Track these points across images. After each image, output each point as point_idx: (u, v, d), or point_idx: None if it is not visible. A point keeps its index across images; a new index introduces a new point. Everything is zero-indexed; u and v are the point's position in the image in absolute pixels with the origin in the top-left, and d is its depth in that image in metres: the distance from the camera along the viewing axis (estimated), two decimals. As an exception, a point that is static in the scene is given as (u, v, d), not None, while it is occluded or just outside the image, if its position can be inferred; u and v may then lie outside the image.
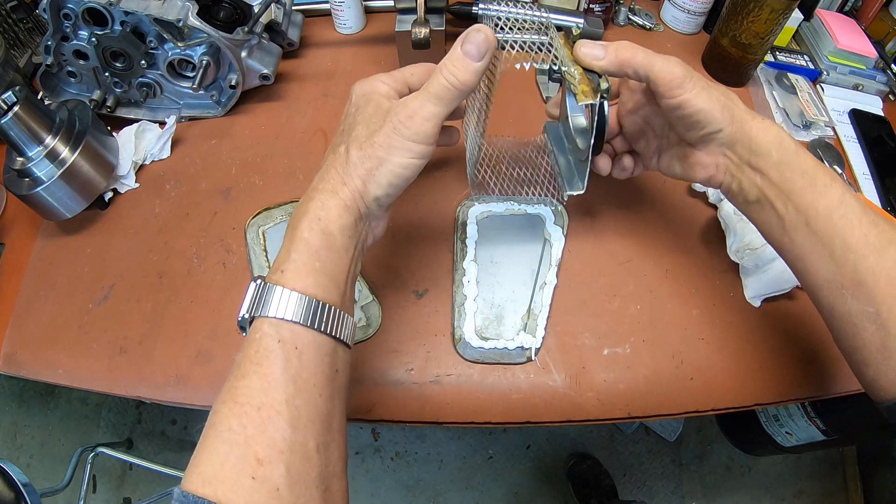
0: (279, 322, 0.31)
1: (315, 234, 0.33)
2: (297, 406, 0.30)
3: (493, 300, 0.54)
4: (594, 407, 0.50)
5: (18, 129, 0.51)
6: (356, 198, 0.35)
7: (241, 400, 0.29)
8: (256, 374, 0.30)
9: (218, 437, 0.29)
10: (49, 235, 0.60)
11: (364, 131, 0.36)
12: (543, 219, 0.59)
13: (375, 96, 0.38)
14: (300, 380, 0.30)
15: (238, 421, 0.29)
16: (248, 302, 0.33)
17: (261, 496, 0.27)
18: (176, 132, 0.65)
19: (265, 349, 0.30)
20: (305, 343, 0.31)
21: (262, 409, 0.29)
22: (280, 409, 0.29)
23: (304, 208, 0.35)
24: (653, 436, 1.36)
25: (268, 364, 0.30)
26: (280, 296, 0.31)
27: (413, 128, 0.35)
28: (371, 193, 0.36)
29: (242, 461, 0.28)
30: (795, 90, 0.72)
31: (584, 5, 0.75)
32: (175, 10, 0.58)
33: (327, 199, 0.34)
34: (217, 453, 0.28)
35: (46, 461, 1.34)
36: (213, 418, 0.30)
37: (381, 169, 0.35)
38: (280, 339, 0.31)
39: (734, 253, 0.54)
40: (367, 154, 0.35)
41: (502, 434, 1.34)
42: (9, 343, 0.53)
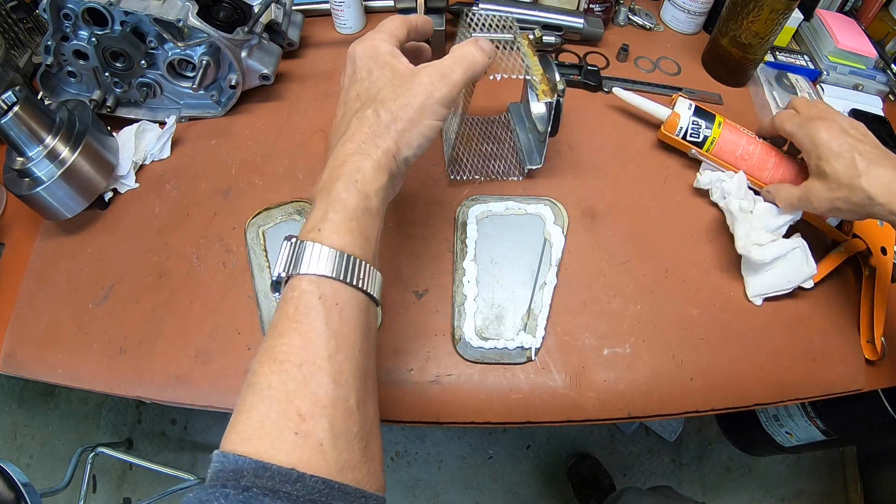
0: (319, 279, 0.31)
1: (352, 195, 0.34)
2: (339, 361, 0.30)
3: (493, 300, 0.54)
4: (594, 407, 0.50)
5: (18, 129, 0.51)
6: (389, 159, 0.36)
7: (281, 357, 0.29)
8: (296, 331, 0.30)
9: (257, 395, 0.28)
10: (49, 235, 0.60)
11: (390, 94, 0.36)
12: (543, 219, 0.59)
13: (385, 57, 0.38)
14: (341, 335, 0.30)
15: (278, 378, 0.28)
16: (284, 260, 0.32)
17: (303, 451, 0.27)
18: (176, 132, 0.65)
19: (305, 306, 0.30)
20: (345, 299, 0.31)
21: (304, 365, 0.29)
22: (322, 365, 0.29)
23: (337, 172, 0.35)
24: (653, 436, 1.36)
25: (308, 321, 0.30)
26: (319, 252, 0.31)
27: (444, 91, 0.37)
28: (402, 154, 0.37)
29: (284, 417, 0.27)
30: (795, 90, 0.72)
31: (584, 5, 0.75)
32: (175, 10, 0.58)
33: (361, 161, 0.35)
34: (257, 411, 0.28)
35: (46, 461, 1.34)
36: (251, 378, 0.29)
37: (413, 130, 0.36)
38: (321, 296, 0.30)
39: (742, 247, 0.54)
40: (398, 116, 0.36)
41: (502, 434, 1.34)
42: (9, 343, 0.53)
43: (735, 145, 0.58)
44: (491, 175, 0.61)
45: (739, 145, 0.58)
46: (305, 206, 0.59)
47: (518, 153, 0.62)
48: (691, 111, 0.60)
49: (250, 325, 0.53)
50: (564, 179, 0.62)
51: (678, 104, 0.60)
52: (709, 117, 0.59)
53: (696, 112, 0.60)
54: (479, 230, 0.58)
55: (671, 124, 0.60)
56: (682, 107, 0.60)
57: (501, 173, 0.61)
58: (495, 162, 0.62)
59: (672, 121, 0.60)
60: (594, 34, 0.74)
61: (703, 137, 0.59)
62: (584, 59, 0.74)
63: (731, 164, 0.59)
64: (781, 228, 0.53)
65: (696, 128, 0.59)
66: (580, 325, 0.53)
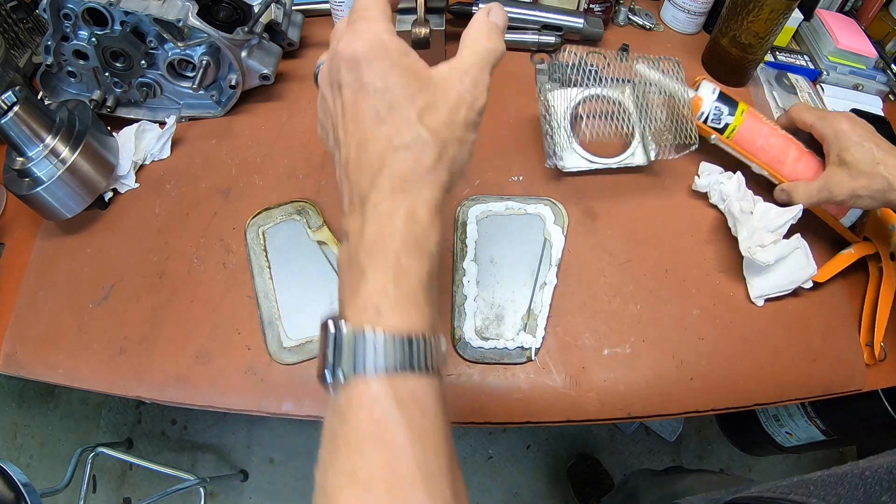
0: (389, 378, 0.25)
1: (414, 260, 0.27)
2: (430, 468, 0.25)
3: (493, 300, 0.54)
4: (594, 407, 0.50)
5: (18, 129, 0.51)
6: (443, 194, 0.29)
7: (364, 479, 0.24)
8: (377, 447, 0.25)
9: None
10: (49, 235, 0.60)
11: (426, 109, 0.29)
12: (543, 219, 0.59)
13: (397, 57, 0.29)
14: (426, 436, 0.26)
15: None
16: (334, 355, 0.26)
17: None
18: (176, 132, 0.65)
19: (381, 414, 0.25)
20: (423, 393, 0.26)
21: (394, 485, 0.24)
22: (414, 479, 0.24)
23: (387, 227, 0.27)
24: (653, 436, 1.36)
25: (390, 433, 0.25)
26: (384, 343, 0.25)
27: (482, 99, 0.31)
28: (453, 183, 0.30)
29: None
30: (795, 90, 0.72)
31: (584, 5, 0.75)
32: (175, 10, 0.58)
33: (417, 208, 0.28)
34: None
35: (46, 461, 1.34)
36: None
37: (462, 150, 0.30)
38: (397, 399, 0.25)
39: (745, 249, 0.54)
40: (447, 138, 0.29)
41: (502, 434, 1.34)
42: (9, 343, 0.53)
43: (756, 135, 0.56)
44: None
45: (760, 135, 0.56)
46: (305, 205, 0.59)
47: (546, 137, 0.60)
48: (715, 95, 0.57)
49: (250, 325, 0.53)
50: (564, 179, 0.62)
51: (702, 87, 0.58)
52: (732, 104, 0.57)
53: (720, 97, 0.57)
54: (479, 230, 0.58)
55: (694, 106, 0.57)
56: (706, 90, 0.57)
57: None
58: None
59: (695, 103, 0.57)
60: (594, 34, 0.74)
61: (724, 124, 0.57)
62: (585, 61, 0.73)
63: (751, 154, 0.57)
64: (783, 228, 0.53)
65: (718, 114, 0.57)
66: (580, 325, 0.53)
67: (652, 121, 0.60)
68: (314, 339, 0.52)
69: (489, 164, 0.63)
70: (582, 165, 0.60)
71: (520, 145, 0.65)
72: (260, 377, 0.51)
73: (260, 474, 1.30)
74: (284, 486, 1.29)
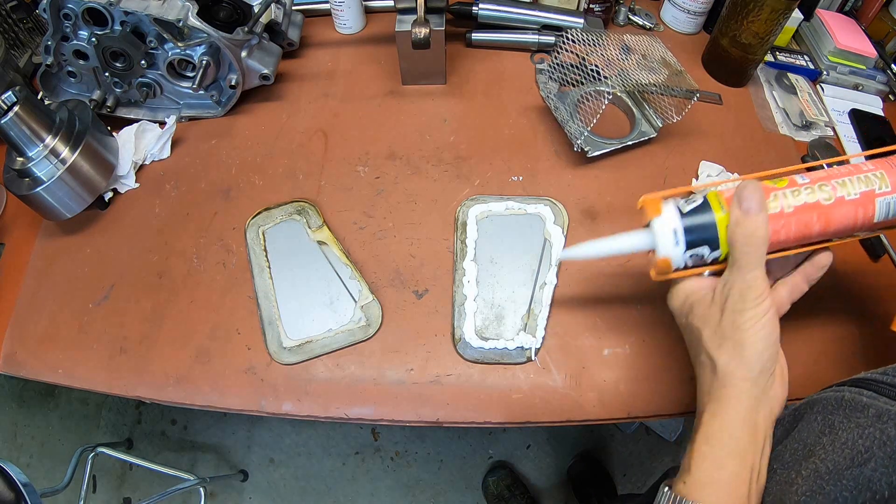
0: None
1: (712, 447, 0.34)
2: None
3: (493, 300, 0.54)
4: (594, 407, 0.50)
5: (18, 129, 0.51)
6: (742, 391, 0.35)
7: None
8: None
9: None
10: (49, 235, 0.60)
11: (709, 332, 0.37)
12: (543, 219, 0.59)
13: (694, 293, 0.39)
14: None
15: None
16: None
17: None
18: (176, 132, 0.65)
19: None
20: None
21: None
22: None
23: (697, 422, 0.36)
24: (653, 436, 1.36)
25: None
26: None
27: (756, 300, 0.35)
28: (751, 376, 0.35)
29: None
30: (795, 90, 0.72)
31: (584, 5, 0.75)
32: (175, 10, 0.58)
33: (715, 408, 0.35)
34: None
35: (46, 461, 1.34)
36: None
37: (747, 351, 0.35)
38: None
39: None
40: (728, 350, 0.36)
41: (502, 434, 1.34)
42: (9, 343, 0.53)
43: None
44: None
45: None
46: (305, 205, 0.59)
47: (564, 125, 0.62)
48: (681, 244, 0.38)
49: (250, 325, 0.53)
50: (564, 179, 0.62)
51: (658, 234, 0.38)
52: (707, 230, 0.37)
53: (688, 233, 0.38)
54: (479, 230, 0.58)
55: (663, 266, 0.39)
56: (666, 238, 0.38)
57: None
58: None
59: (663, 264, 0.39)
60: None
61: (712, 260, 0.39)
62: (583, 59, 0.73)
63: (771, 256, 0.39)
64: None
65: (699, 257, 0.38)
66: (580, 325, 0.53)
67: (649, 97, 0.63)
68: (314, 339, 0.52)
69: (489, 164, 0.63)
70: (603, 149, 0.62)
71: (520, 145, 0.65)
72: (260, 377, 0.51)
73: (260, 474, 1.30)
74: (284, 486, 1.29)
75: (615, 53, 0.63)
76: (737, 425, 0.34)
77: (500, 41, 0.75)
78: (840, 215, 0.37)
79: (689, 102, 0.61)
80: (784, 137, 0.68)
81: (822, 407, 0.35)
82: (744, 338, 0.35)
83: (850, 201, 0.37)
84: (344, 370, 0.51)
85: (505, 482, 1.24)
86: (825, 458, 0.32)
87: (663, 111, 0.64)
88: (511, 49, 0.75)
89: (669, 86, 0.61)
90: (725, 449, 0.34)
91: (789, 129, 0.69)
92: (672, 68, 0.61)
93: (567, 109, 0.63)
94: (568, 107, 0.63)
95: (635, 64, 0.62)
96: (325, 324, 0.53)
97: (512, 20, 0.73)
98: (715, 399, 0.35)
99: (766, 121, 0.70)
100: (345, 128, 0.67)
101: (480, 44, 0.75)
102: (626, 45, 0.63)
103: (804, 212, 0.37)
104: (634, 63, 0.62)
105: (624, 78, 0.61)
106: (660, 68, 0.62)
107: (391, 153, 0.64)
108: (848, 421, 0.32)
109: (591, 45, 0.61)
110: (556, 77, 0.63)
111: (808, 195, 0.37)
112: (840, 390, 0.35)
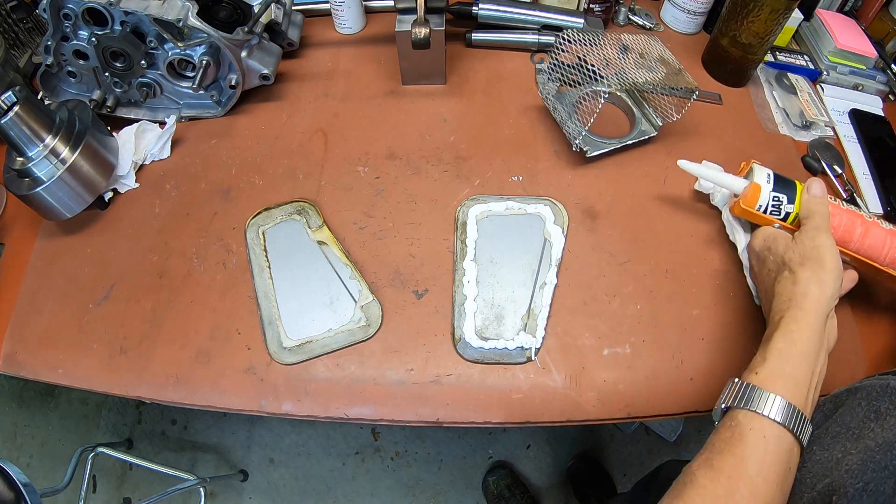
0: (762, 420, 0.37)
1: (787, 344, 0.39)
2: (758, 485, 0.35)
3: (493, 300, 0.54)
4: (594, 407, 0.50)
5: (18, 129, 0.51)
6: (818, 303, 0.41)
7: (717, 466, 0.36)
8: (732, 454, 0.36)
9: (693, 489, 0.36)
10: (49, 235, 0.60)
11: (794, 254, 0.44)
12: (543, 219, 0.59)
13: (778, 234, 0.47)
14: (765, 466, 0.36)
15: (710, 482, 0.35)
16: (731, 396, 0.39)
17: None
18: (176, 132, 0.65)
19: (742, 436, 0.37)
20: (778, 440, 0.36)
21: (732, 478, 0.35)
22: (745, 482, 0.35)
23: (776, 324, 0.41)
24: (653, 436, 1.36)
25: (742, 448, 0.36)
26: (765, 399, 0.37)
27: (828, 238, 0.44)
28: (827, 293, 0.41)
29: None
30: (795, 90, 0.72)
31: (584, 5, 0.75)
32: (175, 10, 0.58)
33: (795, 312, 0.41)
34: (691, 501, 0.35)
35: (46, 461, 1.34)
36: (689, 479, 0.36)
37: (825, 273, 0.42)
38: (764, 435, 0.36)
39: (742, 253, 0.55)
40: (811, 267, 0.42)
41: (502, 434, 1.34)
42: (9, 343, 0.53)
43: None
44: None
45: None
46: (305, 205, 0.59)
47: (562, 126, 0.63)
48: (771, 183, 0.51)
49: (250, 325, 0.53)
50: (564, 179, 0.62)
51: (756, 175, 0.51)
52: (789, 188, 0.50)
53: (777, 183, 0.51)
54: (479, 230, 0.58)
55: (751, 199, 0.51)
56: (761, 177, 0.51)
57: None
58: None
59: (752, 195, 0.51)
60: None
61: (784, 214, 0.50)
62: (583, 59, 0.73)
63: None
64: None
65: (777, 203, 0.50)
66: (580, 325, 0.53)
67: (648, 96, 0.63)
68: (314, 339, 0.52)
69: (489, 164, 0.63)
70: (602, 149, 0.62)
71: (520, 145, 0.65)
72: (260, 377, 0.51)
73: (260, 474, 1.30)
74: (284, 486, 1.29)
75: (613, 53, 0.63)
76: (812, 332, 0.40)
77: (500, 41, 0.75)
78: (875, 234, 0.49)
79: (689, 101, 0.61)
80: (784, 137, 0.68)
81: (866, 394, 0.39)
82: (823, 256, 0.42)
83: (884, 229, 0.49)
84: (344, 370, 0.51)
85: (505, 482, 1.24)
86: (874, 437, 0.36)
87: (663, 110, 0.64)
88: (511, 49, 0.75)
89: (668, 84, 0.61)
90: (800, 349, 0.39)
91: (789, 129, 0.69)
92: (670, 67, 0.61)
93: (565, 109, 0.63)
94: (566, 107, 0.63)
95: (633, 63, 0.62)
96: (325, 324, 0.53)
97: (512, 20, 0.73)
98: (796, 306, 0.41)
99: (766, 121, 0.70)
100: (345, 128, 0.67)
101: (480, 44, 0.75)
102: (624, 44, 0.63)
103: (852, 215, 0.49)
104: (632, 62, 0.62)
105: (622, 77, 0.61)
106: (658, 67, 0.62)
107: (391, 153, 0.64)
108: (895, 408, 0.36)
109: (590, 45, 0.61)
110: (555, 77, 0.63)
111: (854, 209, 0.50)
112: (885, 378, 0.39)
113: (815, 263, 0.42)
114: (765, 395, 0.37)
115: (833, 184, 0.64)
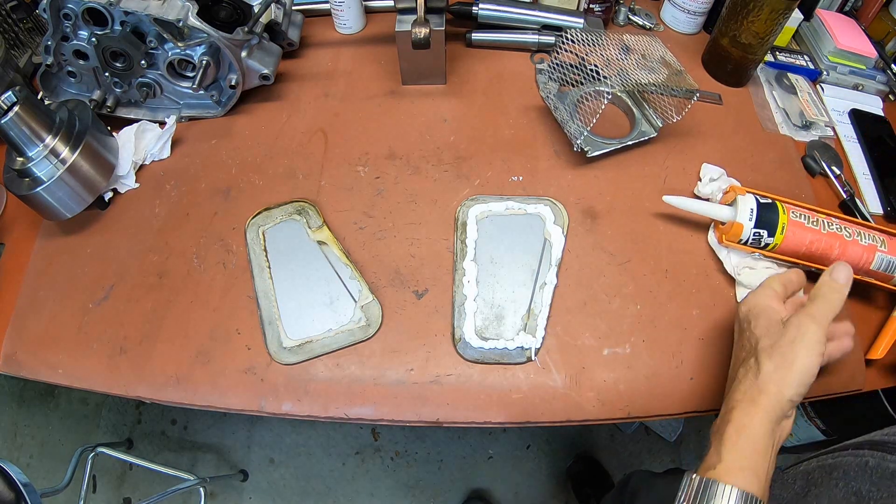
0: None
1: (742, 439, 0.38)
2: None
3: (493, 300, 0.54)
4: (594, 407, 0.50)
5: (18, 129, 0.51)
6: (773, 403, 0.38)
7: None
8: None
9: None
10: (49, 235, 0.60)
11: (767, 342, 0.41)
12: (543, 219, 0.59)
13: (766, 310, 0.43)
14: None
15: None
16: (687, 495, 0.37)
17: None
18: (176, 132, 0.65)
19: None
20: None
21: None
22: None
23: (727, 416, 0.39)
24: (653, 436, 1.36)
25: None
26: (724, 491, 0.36)
27: (818, 334, 0.40)
28: (785, 395, 0.39)
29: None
30: (795, 90, 0.72)
31: (584, 5, 0.75)
32: (175, 10, 0.58)
33: (748, 407, 0.39)
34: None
35: (46, 461, 1.34)
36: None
37: (792, 371, 0.39)
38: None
39: (732, 270, 0.55)
40: (777, 362, 0.39)
41: (502, 434, 1.34)
42: (9, 343, 0.53)
43: (799, 245, 0.53)
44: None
45: (803, 244, 0.53)
46: (305, 205, 0.59)
47: (564, 125, 0.62)
48: (753, 222, 0.52)
49: (250, 325, 0.53)
50: (564, 179, 0.62)
51: (740, 208, 0.53)
52: (771, 222, 0.52)
53: (759, 218, 0.52)
54: (479, 230, 0.58)
55: (733, 234, 0.54)
56: (744, 215, 0.53)
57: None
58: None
59: (734, 231, 0.53)
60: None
61: (764, 245, 0.53)
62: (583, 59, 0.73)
63: (794, 260, 0.54)
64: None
65: (757, 237, 0.53)
66: (580, 325, 0.53)
67: (649, 97, 0.63)
68: (314, 339, 0.52)
69: (489, 164, 0.63)
70: (602, 149, 0.62)
71: (519, 145, 0.65)
72: (260, 377, 0.51)
73: (260, 474, 1.30)
74: (284, 486, 1.29)
75: (615, 53, 0.62)
76: (765, 431, 0.38)
77: (500, 41, 0.75)
78: (851, 252, 0.52)
79: (689, 102, 0.61)
80: (784, 137, 0.68)
81: (843, 473, 0.38)
82: (796, 358, 0.39)
83: (861, 245, 0.52)
84: (344, 370, 0.51)
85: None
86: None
87: (663, 111, 0.64)
88: (511, 49, 0.75)
89: (669, 85, 0.61)
90: (755, 446, 0.38)
91: (789, 129, 0.69)
92: (672, 68, 0.61)
93: (567, 109, 0.63)
94: (567, 107, 0.63)
95: (635, 64, 0.62)
96: (325, 324, 0.53)
97: (512, 20, 0.73)
98: (750, 400, 0.39)
99: (766, 121, 0.70)
100: (345, 128, 0.67)
101: (480, 44, 0.75)
102: (625, 44, 0.63)
103: (831, 237, 0.52)
104: (634, 63, 0.62)
105: (623, 78, 0.61)
106: (659, 68, 0.62)
107: (391, 153, 0.64)
108: (878, 490, 0.35)
109: (591, 45, 0.61)
110: (555, 77, 0.63)
111: (837, 228, 0.53)
112: (860, 454, 0.37)
113: (783, 360, 0.39)
114: (721, 486, 0.36)
115: (833, 184, 0.64)
